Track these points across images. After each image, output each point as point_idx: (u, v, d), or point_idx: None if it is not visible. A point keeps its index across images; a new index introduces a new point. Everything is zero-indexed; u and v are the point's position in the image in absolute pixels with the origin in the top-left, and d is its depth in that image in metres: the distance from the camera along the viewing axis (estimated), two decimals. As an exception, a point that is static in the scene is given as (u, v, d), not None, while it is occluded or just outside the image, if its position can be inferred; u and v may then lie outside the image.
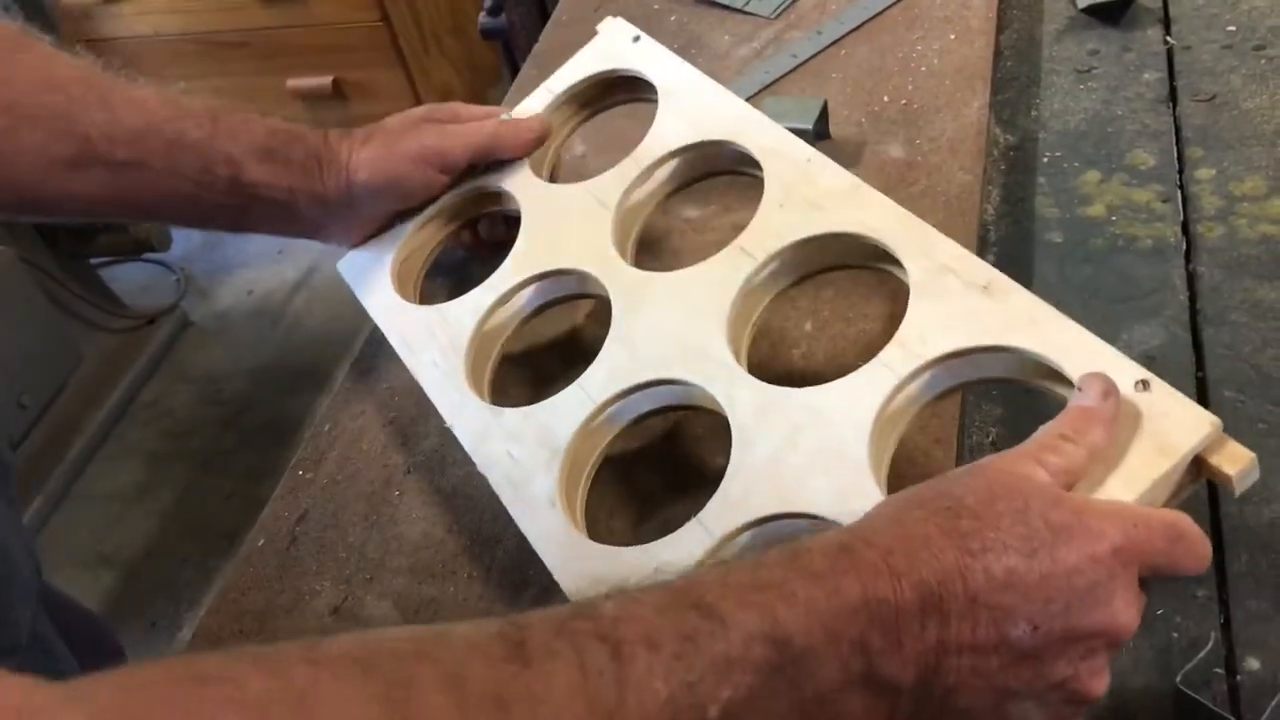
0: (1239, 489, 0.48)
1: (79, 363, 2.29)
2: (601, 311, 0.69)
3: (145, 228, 2.29)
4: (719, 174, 0.76)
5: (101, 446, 2.34)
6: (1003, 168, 0.89)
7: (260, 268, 2.70)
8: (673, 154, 0.74)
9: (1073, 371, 0.52)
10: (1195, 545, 0.46)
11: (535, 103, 0.84)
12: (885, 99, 0.92)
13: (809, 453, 0.56)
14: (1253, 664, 0.57)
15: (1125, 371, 0.51)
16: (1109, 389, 0.50)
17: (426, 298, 0.81)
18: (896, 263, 0.61)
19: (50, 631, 0.78)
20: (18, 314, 2.08)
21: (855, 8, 1.03)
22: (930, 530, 0.44)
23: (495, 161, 0.81)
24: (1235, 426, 0.67)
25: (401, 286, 0.79)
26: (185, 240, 2.74)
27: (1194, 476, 0.49)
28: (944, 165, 0.84)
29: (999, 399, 0.72)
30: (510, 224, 0.79)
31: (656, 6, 1.12)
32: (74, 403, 2.30)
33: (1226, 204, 0.80)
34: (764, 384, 0.60)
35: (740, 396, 0.60)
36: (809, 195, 0.66)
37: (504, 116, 0.83)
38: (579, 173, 0.84)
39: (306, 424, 2.06)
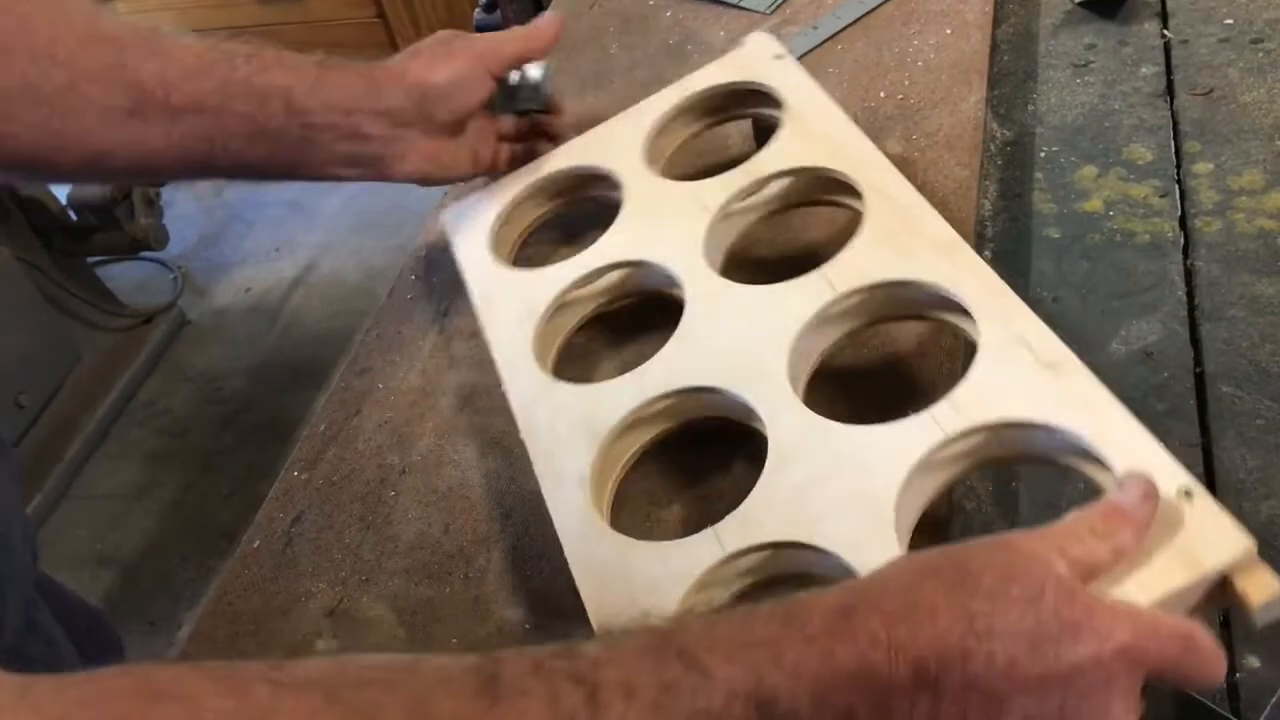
0: (1261, 621, 0.46)
1: (76, 362, 2.29)
2: (679, 310, 0.69)
3: (141, 225, 2.28)
4: (824, 202, 0.75)
5: (100, 446, 2.33)
6: (999, 163, 0.88)
7: (258, 266, 2.70)
8: (783, 173, 0.74)
9: (1118, 464, 0.51)
10: (1208, 659, 0.45)
11: (667, 98, 0.84)
12: (881, 94, 0.92)
13: (838, 491, 0.56)
14: (1253, 662, 0.57)
15: (1172, 476, 0.50)
16: (1150, 493, 0.48)
17: (521, 263, 0.82)
18: (973, 321, 0.60)
19: (50, 622, 0.77)
20: (15, 313, 2.08)
21: (851, 2, 1.02)
22: (940, 603, 0.42)
23: (608, 145, 0.82)
24: (1234, 422, 0.67)
25: (497, 247, 0.80)
26: (182, 239, 2.73)
27: (1217, 597, 0.48)
28: (940, 161, 0.83)
29: (997, 396, 0.72)
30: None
31: (652, 2, 1.11)
32: (72, 402, 2.30)
33: (1224, 198, 0.80)
34: (811, 414, 0.60)
35: (784, 420, 0.60)
36: (905, 241, 0.65)
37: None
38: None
39: (305, 422, 2.07)
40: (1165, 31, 0.95)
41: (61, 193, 2.29)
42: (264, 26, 2.60)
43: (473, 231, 0.82)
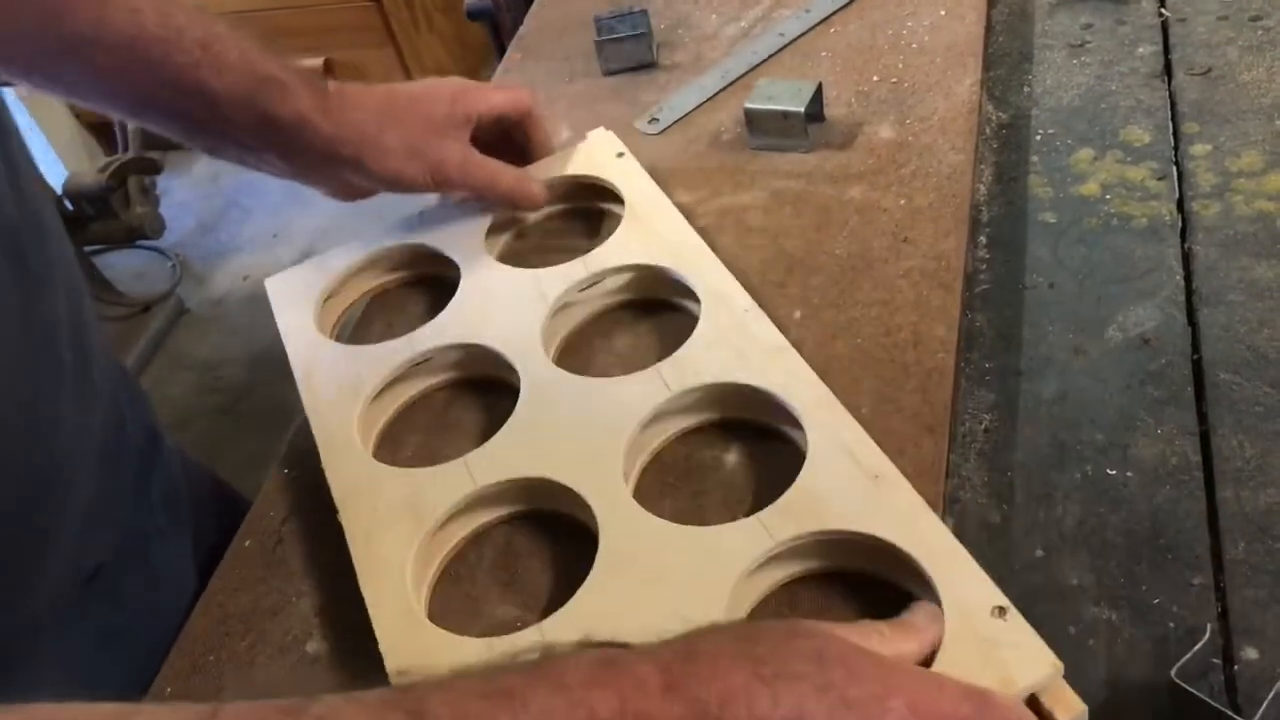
0: None
1: (75, 352, 2.28)
2: (513, 398, 0.69)
3: (138, 214, 2.28)
4: (660, 301, 0.77)
5: (100, 435, 2.33)
6: (995, 146, 0.87)
7: (255, 253, 2.69)
8: (623, 269, 0.76)
9: (937, 579, 0.53)
10: (1007, 715, 0.45)
11: None
12: (875, 78, 0.90)
13: (664, 595, 0.56)
14: (1251, 654, 0.56)
15: (985, 594, 0.52)
16: (936, 616, 0.51)
17: (348, 338, 0.81)
18: (801, 429, 0.62)
19: (169, 559, 0.77)
20: (12, 304, 2.07)
21: (844, -16, 1.01)
22: (723, 650, 0.43)
23: (450, 227, 0.82)
24: (1232, 409, 0.66)
25: (322, 322, 0.79)
26: (180, 226, 2.73)
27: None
28: (935, 145, 0.82)
29: (992, 385, 0.71)
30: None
31: (643, -14, 1.10)
32: (71, 392, 2.29)
33: (1222, 180, 0.79)
34: (644, 513, 0.60)
35: (616, 518, 0.60)
36: (737, 344, 0.67)
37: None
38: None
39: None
40: (1163, 10, 0.94)
41: (57, 183, 2.29)
42: (259, 11, 2.58)
43: (297, 302, 0.80)
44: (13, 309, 0.60)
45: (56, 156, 2.79)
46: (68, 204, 2.25)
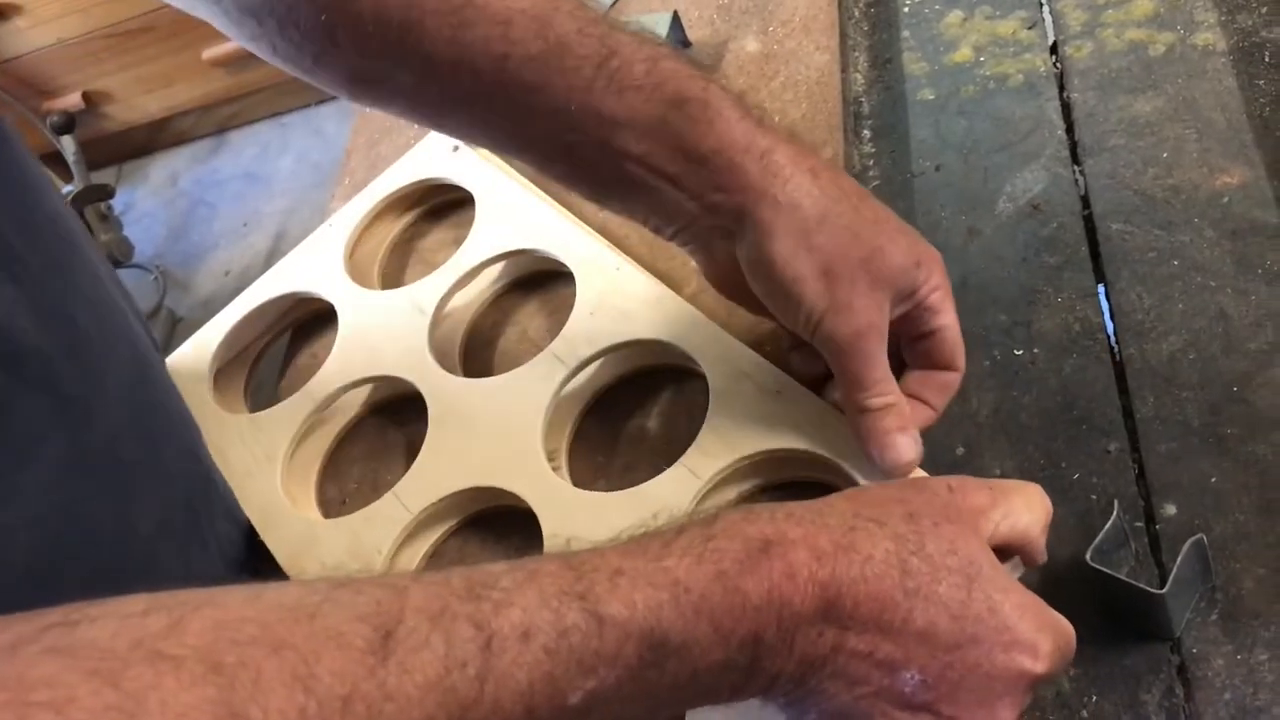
0: None
1: (83, 389, 2.32)
2: (425, 419, 0.70)
3: (103, 242, 2.29)
4: (534, 281, 0.77)
5: (129, 461, 2.38)
6: (865, 28, 0.86)
7: (231, 246, 2.70)
8: (489, 260, 0.76)
9: (858, 473, 0.56)
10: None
11: (357, 207, 0.84)
12: (734, -13, 0.89)
13: None
14: (1169, 509, 0.57)
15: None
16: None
17: (255, 401, 0.82)
18: (697, 364, 0.64)
19: None
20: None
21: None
22: (877, 552, 0.44)
23: (313, 269, 0.81)
24: (1127, 261, 0.66)
25: (220, 393, 0.80)
26: (152, 238, 2.74)
27: None
28: (800, 49, 0.81)
29: (894, 286, 0.71)
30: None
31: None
32: (91, 427, 2.33)
33: (1091, 16, 0.78)
34: (575, 490, 0.62)
35: (555, 505, 0.62)
36: (618, 303, 0.68)
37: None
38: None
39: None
40: None
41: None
42: (170, 7, 2.54)
43: (193, 386, 0.80)
44: (56, 444, 0.56)
45: (16, 198, 2.79)
46: (34, 249, 2.26)
